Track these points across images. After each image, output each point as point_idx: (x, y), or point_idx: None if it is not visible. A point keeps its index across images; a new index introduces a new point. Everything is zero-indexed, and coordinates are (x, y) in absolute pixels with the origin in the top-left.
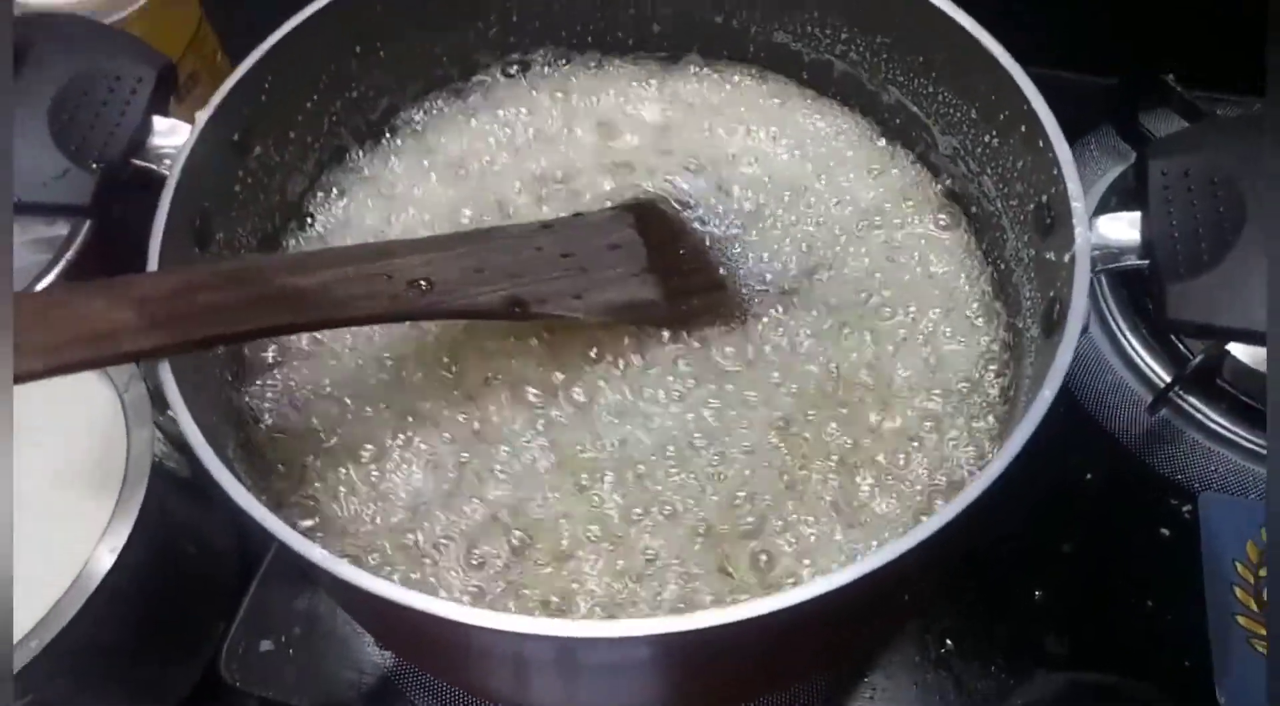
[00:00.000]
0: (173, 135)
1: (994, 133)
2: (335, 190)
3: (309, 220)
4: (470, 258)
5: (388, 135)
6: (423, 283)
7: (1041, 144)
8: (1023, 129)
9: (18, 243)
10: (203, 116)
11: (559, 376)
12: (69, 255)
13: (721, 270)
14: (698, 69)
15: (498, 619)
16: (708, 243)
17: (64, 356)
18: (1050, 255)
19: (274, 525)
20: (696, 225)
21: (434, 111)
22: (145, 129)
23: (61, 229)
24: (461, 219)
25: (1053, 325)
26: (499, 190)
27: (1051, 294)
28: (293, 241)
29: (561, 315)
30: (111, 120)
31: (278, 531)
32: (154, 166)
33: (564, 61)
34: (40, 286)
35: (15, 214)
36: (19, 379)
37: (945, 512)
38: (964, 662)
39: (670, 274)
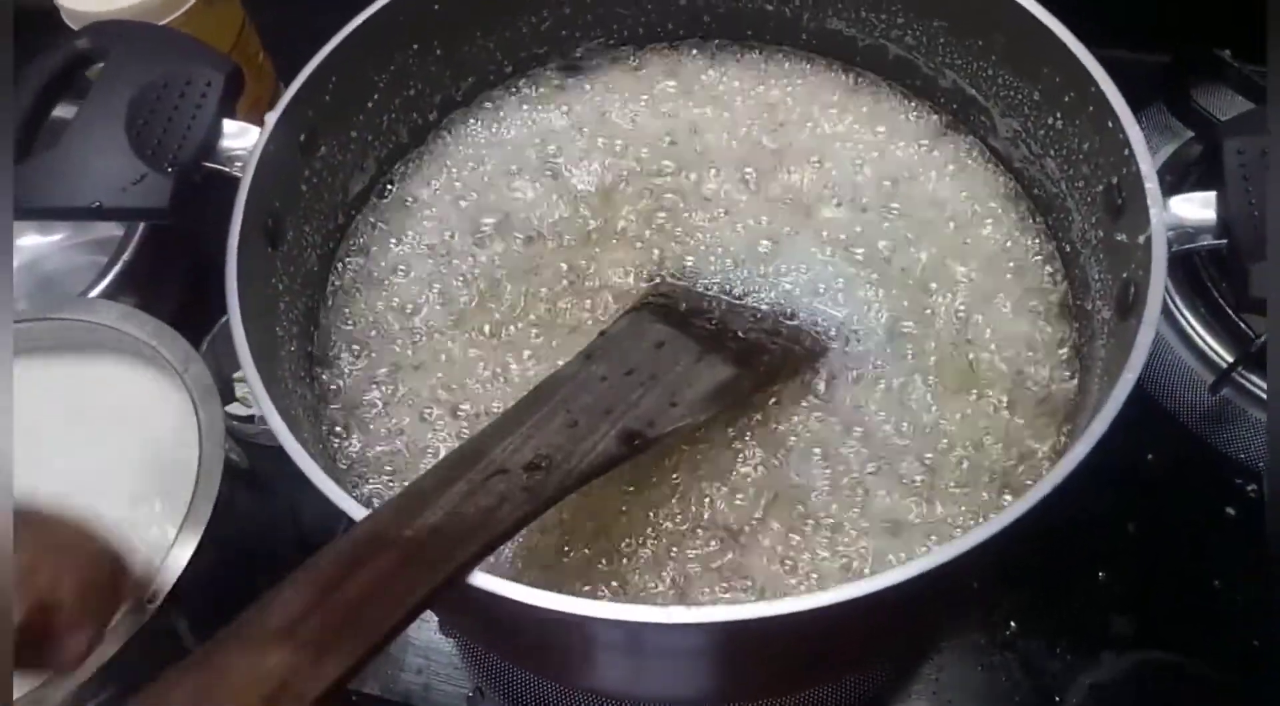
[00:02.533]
0: (242, 137)
1: (1058, 115)
2: (394, 187)
3: (371, 222)
4: (556, 415)
5: (445, 131)
6: (541, 462)
7: (1111, 125)
8: (1090, 111)
9: (72, 245)
10: (271, 118)
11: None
12: (126, 256)
13: (760, 317)
14: (745, 57)
15: (580, 605)
16: (726, 296)
17: None
18: (1121, 236)
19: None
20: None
21: (487, 106)
22: (216, 132)
23: (116, 230)
24: (519, 212)
25: (1129, 307)
26: (557, 183)
27: (1125, 275)
28: (358, 239)
29: (673, 430)
30: (184, 124)
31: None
32: (225, 168)
33: (614, 54)
34: (98, 290)
35: (98, 219)
36: None
37: (1031, 495)
38: (1029, 643)
39: (722, 344)
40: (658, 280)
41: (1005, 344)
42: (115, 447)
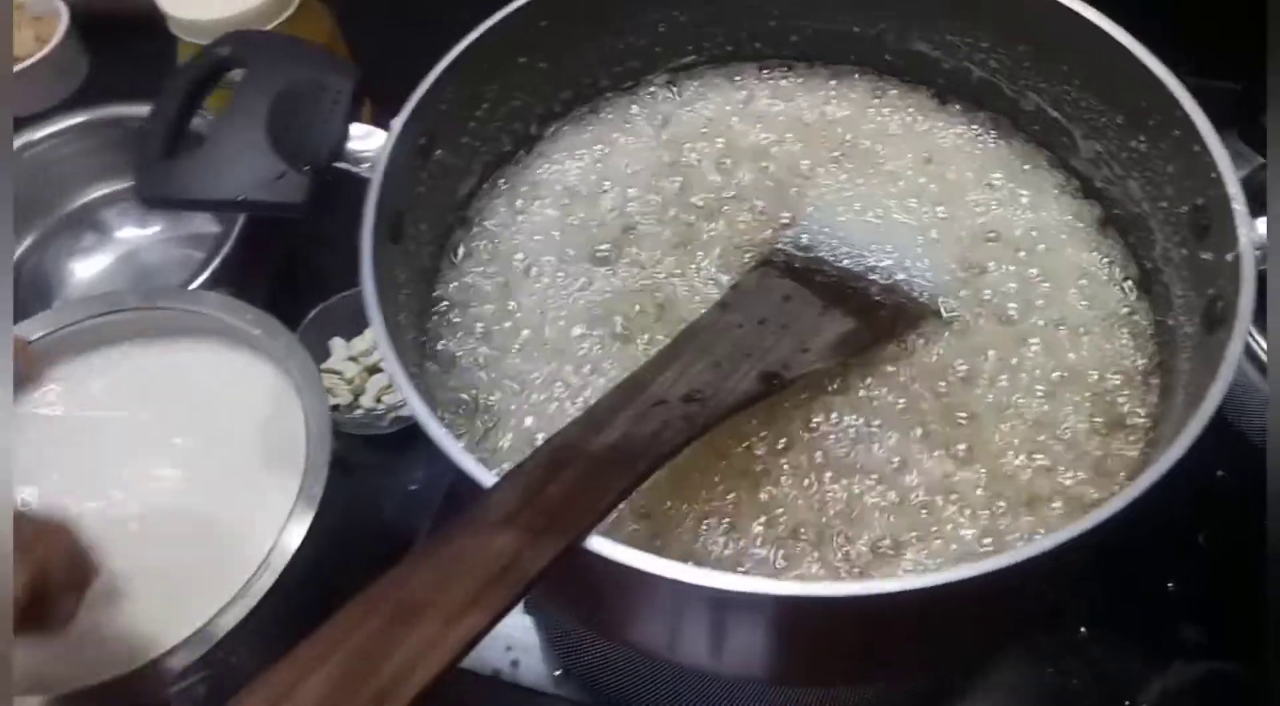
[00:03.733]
0: (367, 140)
1: (1141, 138)
2: (497, 192)
3: (478, 222)
4: (703, 356)
5: (545, 141)
6: (695, 394)
7: (1197, 149)
8: (1175, 134)
9: (167, 239)
10: (397, 123)
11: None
12: (225, 249)
13: (871, 281)
14: (828, 77)
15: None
16: (844, 263)
17: (493, 603)
18: (1206, 255)
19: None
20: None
21: (580, 119)
22: (344, 134)
23: (210, 226)
24: (614, 218)
25: (1215, 322)
26: (653, 188)
27: (1211, 292)
28: (464, 242)
29: (805, 373)
30: (317, 127)
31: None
32: (352, 168)
33: (706, 71)
34: (197, 283)
35: (240, 211)
36: (474, 641)
37: (1128, 492)
38: (1100, 648)
39: (842, 299)
40: (775, 249)
41: (1087, 355)
42: (225, 429)
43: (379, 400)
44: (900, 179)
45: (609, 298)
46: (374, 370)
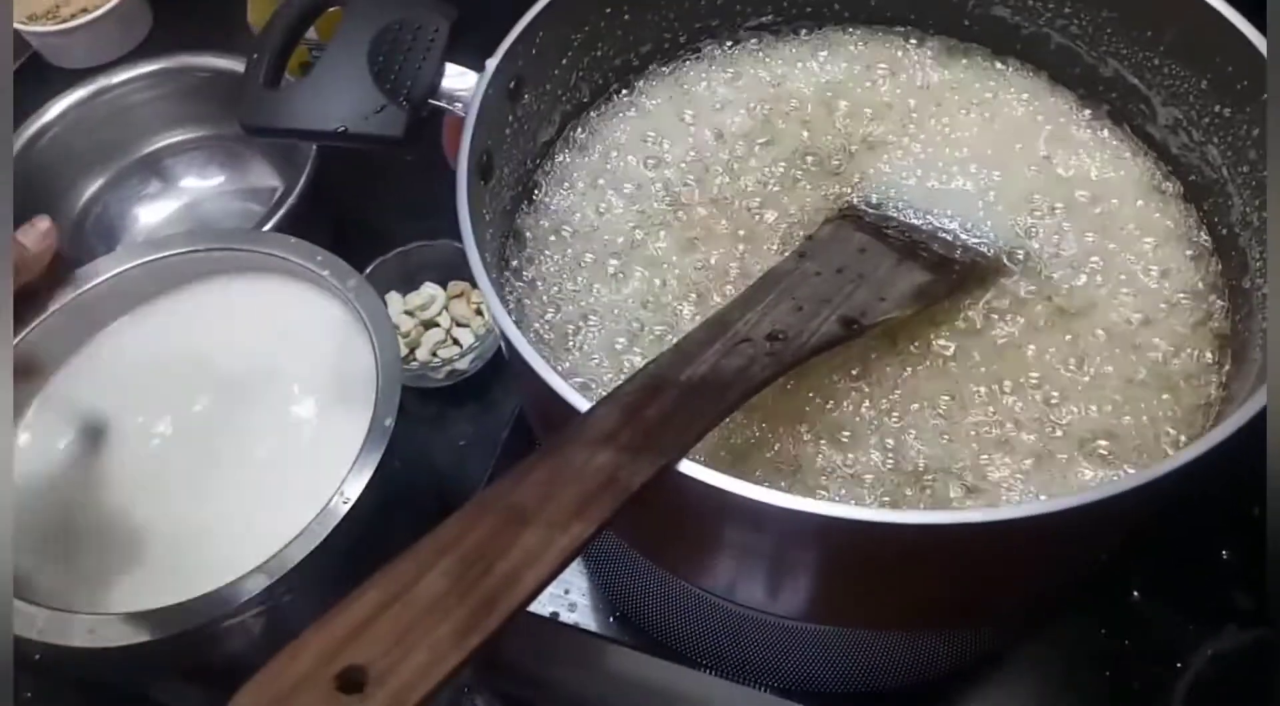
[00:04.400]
0: (461, 79)
1: (1226, 102)
2: (578, 137)
3: (556, 169)
4: (784, 299)
5: (620, 92)
6: (778, 334)
7: None
8: (1264, 97)
9: (227, 191)
10: (491, 64)
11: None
12: (290, 200)
13: (943, 235)
14: (905, 39)
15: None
16: (916, 222)
17: (596, 514)
18: None
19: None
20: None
21: (657, 74)
22: (440, 73)
23: (269, 181)
24: (688, 173)
25: None
26: (718, 151)
27: None
28: (540, 189)
29: (883, 320)
30: (415, 64)
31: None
32: (446, 106)
33: (780, 30)
34: (268, 227)
35: (340, 142)
36: (578, 550)
37: (1213, 436)
38: (1153, 611)
39: (915, 254)
40: (848, 204)
41: (1158, 319)
42: (297, 366)
43: (434, 353)
44: (972, 142)
45: (684, 246)
46: (429, 324)
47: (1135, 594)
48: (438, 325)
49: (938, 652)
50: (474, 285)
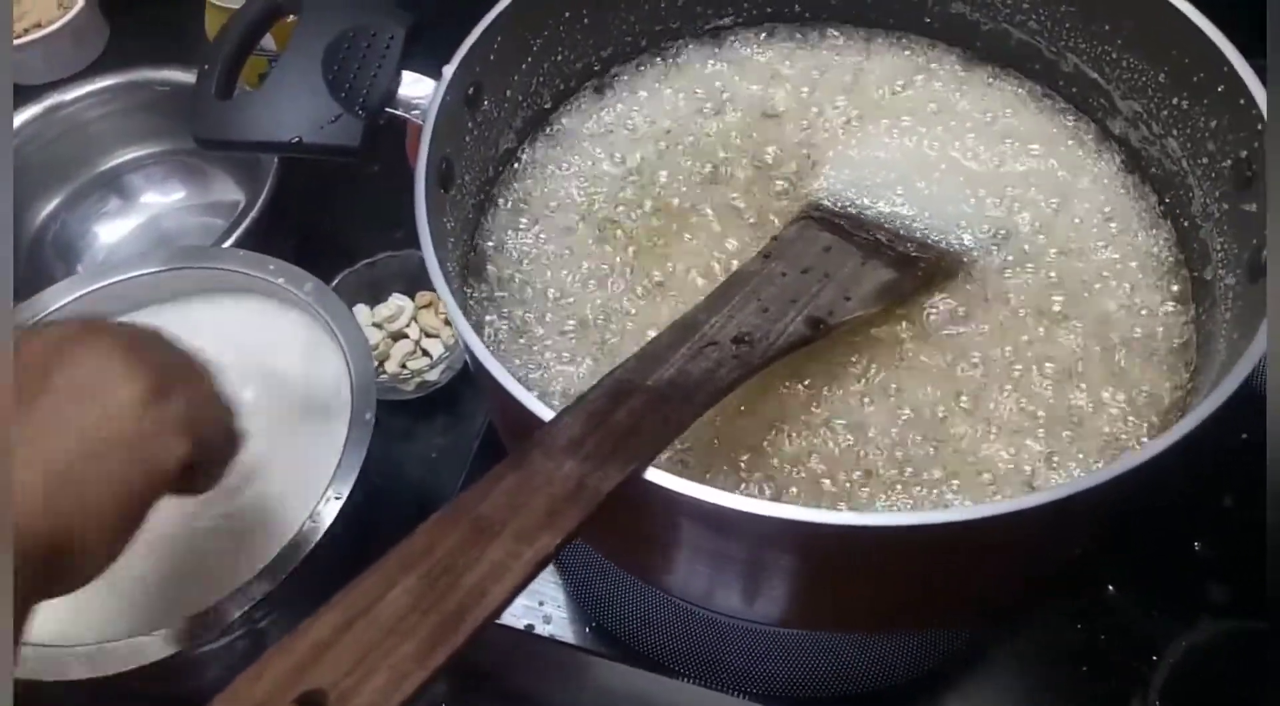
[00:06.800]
0: (417, 86)
1: (1184, 95)
2: (536, 146)
3: (513, 171)
4: (750, 301)
5: (581, 96)
6: (745, 337)
7: (1243, 102)
8: (1219, 89)
9: (188, 206)
10: (448, 71)
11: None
12: (253, 214)
13: (907, 234)
14: (865, 39)
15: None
16: (879, 220)
17: (567, 521)
18: (1250, 206)
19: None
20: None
21: (618, 78)
22: (396, 81)
23: (232, 195)
24: (657, 172)
25: (1259, 270)
26: (687, 149)
27: (1255, 241)
28: (504, 190)
29: (848, 319)
30: (370, 72)
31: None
32: (403, 114)
33: (742, 32)
34: (227, 244)
35: (296, 153)
36: (545, 561)
37: (1163, 440)
38: (1127, 606)
39: (880, 252)
40: (812, 204)
41: (1120, 311)
42: (266, 380)
43: (403, 366)
44: (932, 139)
45: (649, 250)
46: (398, 336)
47: (1110, 588)
48: (406, 337)
49: (913, 653)
50: None
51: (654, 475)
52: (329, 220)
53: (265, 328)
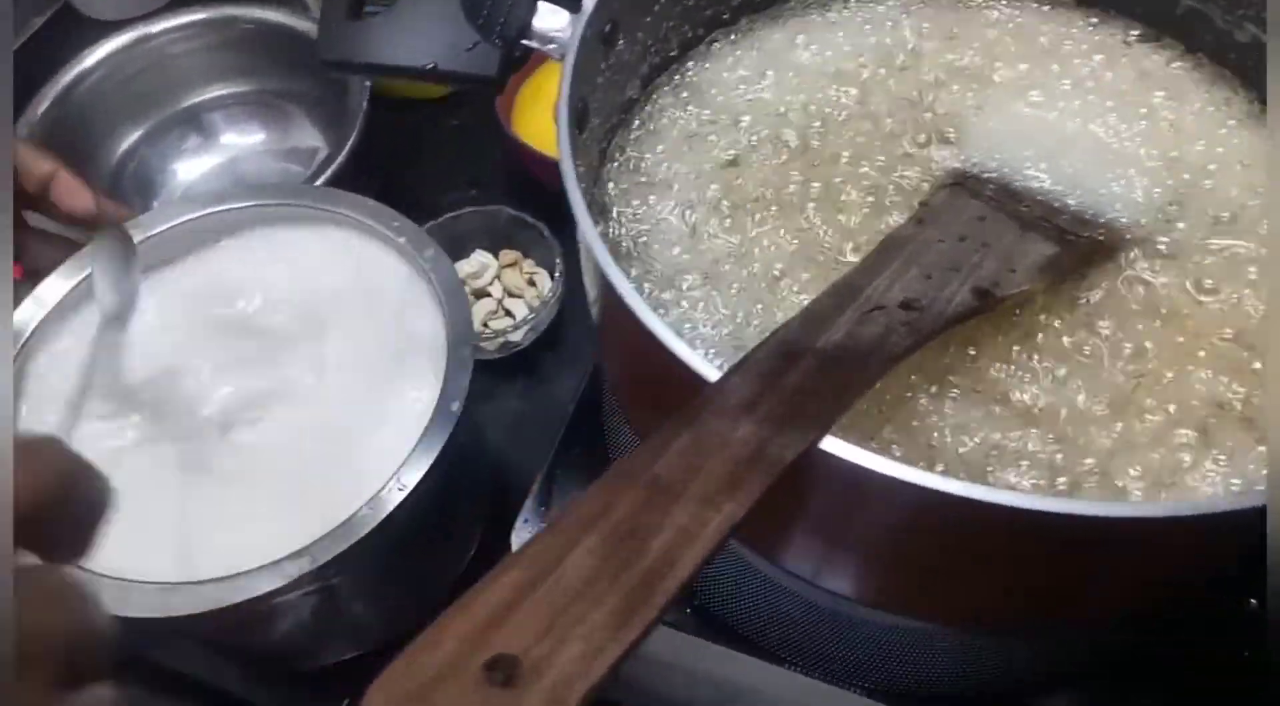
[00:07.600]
0: (553, 18)
1: None
2: (660, 97)
3: (636, 123)
4: (910, 268)
5: (711, 46)
6: (913, 303)
7: None
8: None
9: (267, 151)
10: (589, 4)
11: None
12: (340, 160)
13: (1067, 210)
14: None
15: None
16: (1032, 192)
17: (752, 487)
18: None
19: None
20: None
21: (749, 29)
22: (532, 11)
23: (311, 141)
24: (788, 125)
25: None
26: (815, 110)
27: None
28: (627, 140)
29: (1014, 292)
30: (507, 2)
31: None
32: (539, 46)
33: None
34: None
35: (429, 79)
36: (732, 530)
37: None
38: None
39: (1037, 225)
40: (960, 171)
41: None
42: (360, 322)
43: (485, 325)
44: (1092, 111)
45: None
46: (480, 294)
47: (1252, 602)
48: (489, 295)
49: (1039, 656)
50: (526, 255)
51: (834, 446)
52: (412, 173)
53: (365, 266)
